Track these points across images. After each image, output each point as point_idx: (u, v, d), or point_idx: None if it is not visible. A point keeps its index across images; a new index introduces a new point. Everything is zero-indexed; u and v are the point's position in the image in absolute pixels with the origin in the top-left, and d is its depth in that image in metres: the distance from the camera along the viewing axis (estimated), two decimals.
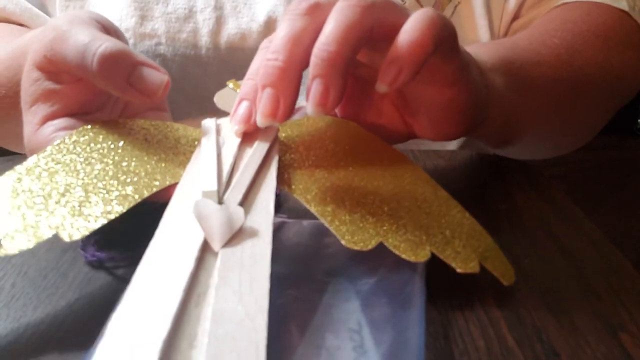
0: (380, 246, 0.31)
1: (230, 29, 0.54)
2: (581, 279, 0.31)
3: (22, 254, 0.32)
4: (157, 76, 0.31)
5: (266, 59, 0.30)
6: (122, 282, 0.30)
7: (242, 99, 0.33)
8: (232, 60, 0.54)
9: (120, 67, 0.30)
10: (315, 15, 0.31)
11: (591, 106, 0.50)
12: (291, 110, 0.31)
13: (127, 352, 0.20)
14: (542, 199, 0.40)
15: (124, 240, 0.34)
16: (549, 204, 0.39)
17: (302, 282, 0.28)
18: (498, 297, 0.29)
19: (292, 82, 0.30)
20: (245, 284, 0.23)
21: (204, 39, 0.54)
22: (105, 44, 0.30)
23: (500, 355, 0.25)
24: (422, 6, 0.54)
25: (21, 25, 0.54)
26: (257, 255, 0.24)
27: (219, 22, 0.54)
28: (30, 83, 0.32)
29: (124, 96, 0.31)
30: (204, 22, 0.53)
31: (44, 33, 0.32)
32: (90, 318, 0.27)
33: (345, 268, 0.29)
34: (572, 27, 0.49)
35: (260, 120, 0.30)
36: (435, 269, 0.30)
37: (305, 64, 0.31)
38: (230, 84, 0.39)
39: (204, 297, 0.23)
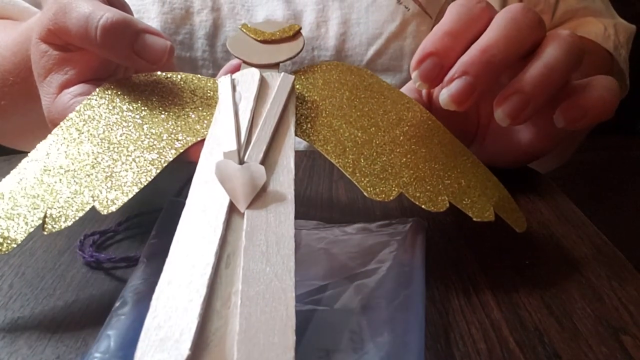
0: (380, 247, 0.31)
1: (228, 32, 0.53)
2: (582, 281, 0.31)
3: (19, 255, 0.32)
4: (161, 42, 0.31)
5: (483, 50, 0.31)
6: (120, 283, 0.30)
7: (431, 53, 0.32)
8: None
9: (123, 36, 0.30)
10: (541, 29, 0.33)
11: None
12: (474, 102, 0.32)
13: (172, 317, 0.20)
14: (543, 201, 0.40)
15: (122, 241, 0.34)
16: (550, 205, 0.39)
17: (301, 283, 0.28)
18: (499, 299, 0.29)
19: (492, 83, 0.31)
20: (272, 245, 0.23)
21: (200, 42, 0.53)
22: (106, 14, 0.30)
23: (502, 358, 0.25)
24: (426, 13, 0.54)
25: None
26: (282, 215, 0.25)
27: (216, 24, 0.53)
28: (40, 55, 0.32)
29: (131, 65, 0.32)
30: (201, 24, 0.53)
31: (47, 7, 0.32)
32: (88, 319, 0.27)
33: (345, 269, 0.29)
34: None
35: (446, 102, 0.31)
36: (436, 270, 0.30)
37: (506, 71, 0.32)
38: (243, 29, 0.37)
39: (233, 258, 0.23)
